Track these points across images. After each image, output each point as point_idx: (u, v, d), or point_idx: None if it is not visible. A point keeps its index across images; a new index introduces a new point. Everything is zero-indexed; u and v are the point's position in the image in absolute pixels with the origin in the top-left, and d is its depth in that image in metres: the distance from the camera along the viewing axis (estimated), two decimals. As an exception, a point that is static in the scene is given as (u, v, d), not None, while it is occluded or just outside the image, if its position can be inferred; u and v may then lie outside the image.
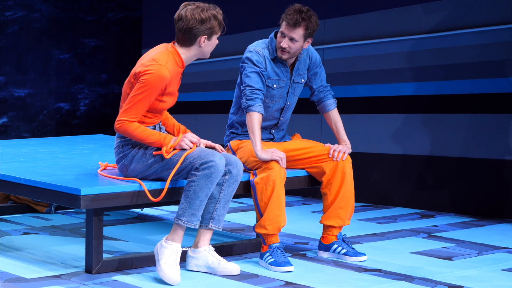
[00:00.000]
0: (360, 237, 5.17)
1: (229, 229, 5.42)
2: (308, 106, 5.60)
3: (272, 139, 4.65)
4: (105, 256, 4.18)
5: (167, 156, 4.04)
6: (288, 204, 6.51)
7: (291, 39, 4.39)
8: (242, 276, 4.06)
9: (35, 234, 5.16)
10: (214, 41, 4.12)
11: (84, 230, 5.26)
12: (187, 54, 4.11)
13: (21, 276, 3.99)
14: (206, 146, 4.20)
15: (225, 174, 4.11)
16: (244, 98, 4.42)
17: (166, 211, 6.19)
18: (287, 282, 3.94)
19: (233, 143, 4.60)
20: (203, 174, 3.95)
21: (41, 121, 8.75)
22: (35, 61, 8.72)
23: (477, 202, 6.14)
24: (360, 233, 5.31)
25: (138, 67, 4.08)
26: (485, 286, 3.91)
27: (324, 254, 4.56)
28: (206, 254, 4.13)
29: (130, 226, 5.52)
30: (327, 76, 4.81)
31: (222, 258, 4.14)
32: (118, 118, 4.06)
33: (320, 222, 4.58)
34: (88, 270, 4.06)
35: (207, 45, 4.10)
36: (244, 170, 4.47)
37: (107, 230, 5.18)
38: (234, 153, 4.55)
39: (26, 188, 4.21)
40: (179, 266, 3.97)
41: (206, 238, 4.17)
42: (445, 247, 4.86)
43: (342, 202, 4.50)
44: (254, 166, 4.40)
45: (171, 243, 3.99)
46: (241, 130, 4.61)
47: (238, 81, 4.57)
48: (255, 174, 4.36)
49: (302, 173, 4.60)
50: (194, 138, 4.10)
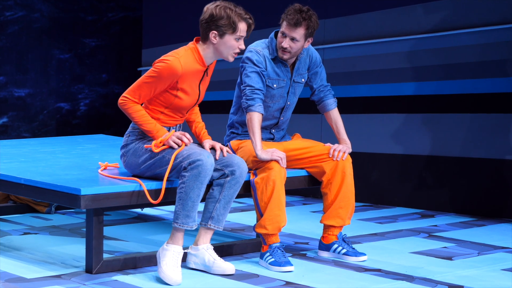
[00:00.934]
0: (360, 237, 5.17)
1: (229, 229, 5.42)
2: (308, 106, 5.60)
3: (272, 139, 4.65)
4: (105, 256, 4.18)
5: (156, 150, 4.07)
6: (288, 204, 6.51)
7: (292, 39, 4.39)
8: (242, 276, 4.06)
9: (35, 234, 5.16)
10: (229, 41, 4.05)
11: (84, 230, 5.26)
12: (205, 51, 4.11)
13: (21, 276, 3.99)
14: (211, 148, 4.22)
15: (227, 176, 4.12)
16: (244, 98, 4.42)
17: (166, 211, 6.19)
18: (287, 282, 3.94)
19: (233, 143, 4.60)
20: (192, 175, 3.95)
21: (41, 121, 8.75)
22: (35, 61, 8.73)
23: (477, 202, 6.14)
24: (360, 233, 5.31)
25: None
26: (485, 286, 3.91)
27: (324, 254, 4.56)
28: (204, 252, 4.14)
29: (130, 226, 5.52)
30: (327, 75, 4.81)
31: (218, 257, 4.14)
32: (123, 95, 4.11)
33: (320, 222, 4.57)
34: (88, 270, 4.06)
35: (220, 43, 4.06)
36: (244, 170, 4.48)
37: (107, 230, 5.18)
38: (234, 153, 4.55)
39: (26, 188, 4.21)
40: (181, 268, 3.97)
41: (206, 237, 4.17)
42: (445, 247, 4.86)
43: (343, 202, 4.49)
44: (254, 166, 4.40)
45: (172, 246, 4.00)
46: (241, 130, 4.61)
47: (238, 81, 4.57)
48: (255, 174, 4.36)
49: (302, 173, 4.60)
50: (184, 137, 4.10)
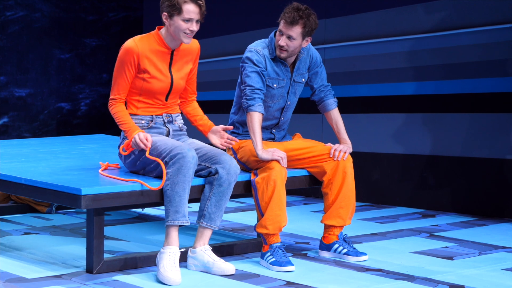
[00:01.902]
0: (361, 236, 5.17)
1: (230, 228, 5.42)
2: (309, 106, 5.60)
3: (273, 139, 4.65)
4: (106, 256, 4.18)
5: (123, 153, 4.23)
6: (289, 203, 6.51)
7: (289, 37, 4.39)
8: (243, 275, 4.05)
9: (36, 234, 5.16)
10: (177, 22, 4.12)
11: (85, 230, 5.26)
12: (165, 34, 4.22)
13: (22, 276, 3.99)
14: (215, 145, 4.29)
15: (215, 173, 4.14)
16: (244, 98, 4.42)
17: (167, 211, 6.18)
18: (288, 282, 3.94)
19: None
20: (174, 169, 3.99)
21: (42, 121, 8.75)
22: (36, 61, 8.72)
23: (478, 201, 6.13)
24: (361, 232, 5.31)
25: None
26: (486, 285, 3.91)
27: (325, 254, 4.56)
28: (202, 253, 4.14)
29: (131, 226, 5.52)
30: (328, 75, 4.81)
31: (218, 258, 4.13)
32: (109, 99, 4.28)
33: (321, 221, 4.57)
34: (89, 270, 4.06)
35: (171, 24, 4.16)
36: (244, 170, 4.47)
37: (108, 230, 5.18)
38: (235, 152, 4.55)
39: (27, 188, 4.21)
40: (179, 268, 3.96)
41: (202, 238, 4.17)
42: (446, 247, 4.86)
43: (343, 202, 4.49)
44: (255, 165, 4.40)
45: (167, 247, 4.00)
46: (242, 130, 4.61)
47: (239, 80, 4.57)
48: (256, 174, 4.36)
49: (303, 172, 4.60)
50: (144, 140, 4.12)
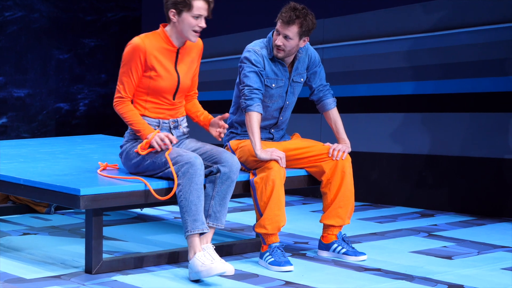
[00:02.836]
0: (360, 236, 5.17)
1: (229, 228, 5.42)
2: (307, 106, 5.59)
3: (271, 139, 4.65)
4: (105, 256, 4.18)
5: (142, 152, 4.14)
6: (288, 203, 6.51)
7: (285, 37, 4.39)
8: (242, 275, 4.05)
9: (35, 234, 5.16)
10: (186, 19, 4.11)
11: (83, 230, 5.26)
12: (171, 32, 4.20)
13: (20, 276, 3.99)
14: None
15: (216, 172, 4.13)
16: (243, 98, 4.42)
17: (166, 211, 6.18)
18: (287, 282, 3.94)
19: (232, 143, 4.60)
20: (185, 179, 3.97)
21: (40, 121, 8.75)
22: (35, 61, 8.72)
23: (477, 201, 6.13)
24: (360, 232, 5.31)
25: None
26: (485, 285, 3.91)
27: (324, 254, 4.56)
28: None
29: (130, 226, 5.52)
30: (327, 75, 4.81)
31: (218, 257, 4.12)
32: (114, 97, 4.23)
33: (320, 221, 4.57)
34: (88, 270, 4.06)
35: (179, 22, 4.14)
36: (243, 170, 4.47)
37: (107, 230, 5.18)
38: (233, 152, 4.55)
39: (25, 188, 4.21)
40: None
41: (206, 236, 4.15)
42: (445, 246, 4.86)
43: (342, 202, 4.49)
44: (253, 165, 4.40)
45: (196, 254, 3.92)
46: (240, 130, 4.61)
47: (237, 80, 4.57)
48: (255, 174, 4.36)
49: (302, 172, 4.60)
50: (166, 139, 4.11)
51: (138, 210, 6.04)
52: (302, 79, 4.63)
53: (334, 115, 4.69)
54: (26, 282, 3.87)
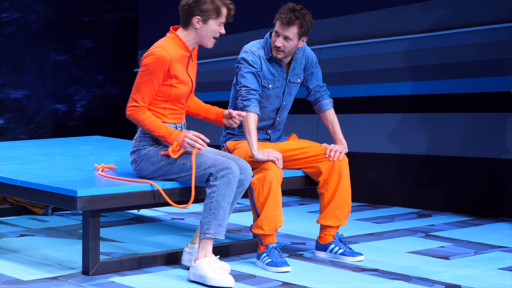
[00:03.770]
0: (357, 237, 5.17)
1: (226, 230, 5.41)
2: (304, 106, 5.60)
3: (268, 139, 4.65)
4: (102, 257, 4.18)
5: (174, 156, 4.04)
6: (285, 204, 6.51)
7: (285, 38, 4.40)
8: (239, 276, 4.05)
9: (32, 236, 5.15)
10: (212, 26, 4.06)
11: (81, 231, 5.25)
12: (188, 37, 4.11)
13: (18, 278, 3.99)
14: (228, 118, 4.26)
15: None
16: (240, 98, 4.42)
17: (163, 212, 6.18)
18: (284, 283, 3.94)
19: (229, 144, 4.60)
20: (222, 182, 3.93)
21: (37, 122, 8.74)
22: (32, 62, 8.72)
23: (474, 201, 6.14)
24: (357, 233, 5.31)
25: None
26: (482, 285, 3.91)
27: (321, 254, 4.56)
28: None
29: (127, 227, 5.51)
30: (324, 76, 4.81)
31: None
32: (128, 105, 4.09)
33: (317, 222, 4.57)
34: (85, 271, 4.05)
35: (203, 28, 4.06)
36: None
37: (104, 232, 5.18)
38: (230, 153, 4.55)
39: (22, 190, 4.20)
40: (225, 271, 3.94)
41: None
42: (442, 247, 4.86)
43: (339, 202, 4.49)
44: (250, 166, 4.40)
45: (204, 259, 3.91)
46: (237, 131, 4.61)
47: (234, 81, 4.57)
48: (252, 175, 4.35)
49: (299, 173, 4.60)
50: (199, 140, 4.04)
51: (135, 211, 6.04)
52: (299, 80, 4.63)
53: (331, 116, 4.69)
54: (23, 284, 3.87)
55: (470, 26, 6.10)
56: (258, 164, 4.33)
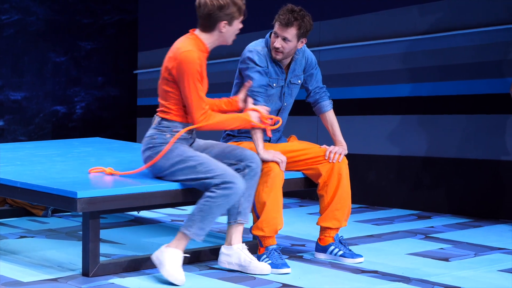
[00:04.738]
0: (356, 238, 5.17)
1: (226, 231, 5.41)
2: (304, 108, 5.60)
3: (268, 141, 4.65)
4: (102, 259, 4.18)
5: (270, 129, 4.29)
6: (285, 206, 6.51)
7: (284, 39, 4.40)
8: (239, 278, 4.06)
9: (32, 237, 5.15)
10: (236, 25, 4.12)
11: (80, 233, 5.26)
12: (210, 40, 4.12)
13: (18, 279, 3.99)
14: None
15: (244, 169, 4.12)
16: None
17: (163, 214, 6.18)
18: (284, 284, 3.94)
19: (229, 145, 4.59)
20: (223, 194, 3.95)
21: (37, 124, 8.75)
22: (31, 64, 8.72)
23: (473, 202, 6.14)
24: (356, 234, 5.31)
25: (169, 63, 4.08)
26: (482, 287, 3.91)
27: (321, 256, 4.56)
28: (239, 252, 4.15)
29: (127, 229, 5.51)
30: (323, 77, 4.81)
31: (254, 257, 4.17)
32: (196, 117, 4.05)
33: (316, 224, 4.57)
34: (85, 273, 4.05)
35: (229, 30, 4.10)
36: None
37: (104, 233, 5.18)
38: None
39: (22, 191, 4.20)
40: (182, 269, 3.97)
41: (238, 235, 4.19)
42: (442, 248, 4.86)
43: (339, 204, 4.49)
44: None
45: (173, 249, 3.97)
46: (237, 132, 4.61)
47: (235, 81, 4.57)
48: (252, 176, 4.35)
49: (299, 175, 4.60)
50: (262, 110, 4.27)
51: (135, 213, 6.04)
52: (299, 81, 4.64)
53: (331, 117, 4.69)
54: (23, 285, 3.87)
55: (469, 28, 6.11)
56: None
